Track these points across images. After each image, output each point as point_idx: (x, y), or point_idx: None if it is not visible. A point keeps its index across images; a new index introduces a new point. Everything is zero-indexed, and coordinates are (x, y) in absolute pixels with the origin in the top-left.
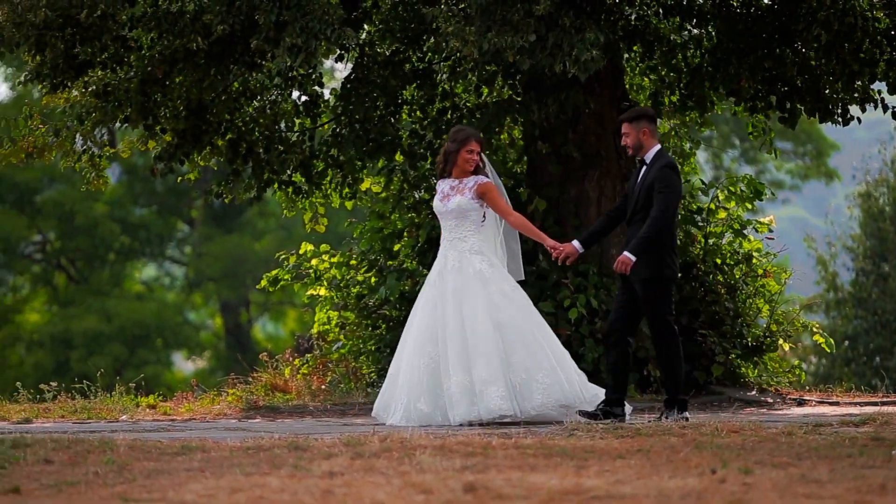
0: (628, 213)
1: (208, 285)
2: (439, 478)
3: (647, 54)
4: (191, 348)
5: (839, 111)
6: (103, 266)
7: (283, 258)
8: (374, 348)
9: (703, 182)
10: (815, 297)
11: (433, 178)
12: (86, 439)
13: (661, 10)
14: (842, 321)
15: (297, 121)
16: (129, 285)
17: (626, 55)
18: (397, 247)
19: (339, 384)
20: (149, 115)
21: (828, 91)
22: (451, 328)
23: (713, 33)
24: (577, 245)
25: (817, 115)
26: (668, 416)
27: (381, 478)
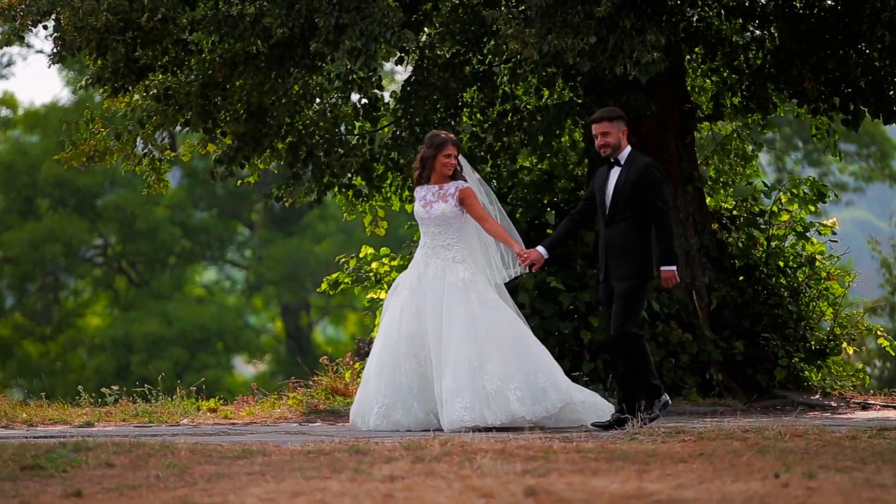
0: (605, 214)
1: (269, 289)
2: (500, 482)
3: (709, 56)
4: (251, 352)
5: None
6: (164, 270)
7: (344, 261)
8: None
9: (765, 185)
10: (879, 300)
11: (494, 180)
12: (147, 443)
13: (723, 11)
14: None
15: (356, 124)
16: (190, 289)
17: (687, 57)
18: None
19: None
20: (209, 118)
21: (892, 92)
22: (434, 336)
23: (776, 34)
24: (542, 251)
25: (881, 117)
26: (651, 411)
27: (441, 482)
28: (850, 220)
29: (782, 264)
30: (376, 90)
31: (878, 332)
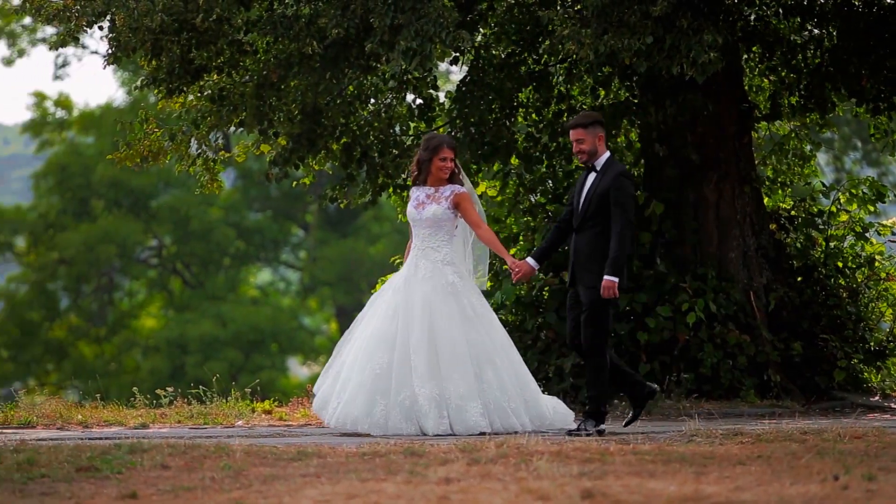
0: (576, 220)
1: (323, 290)
2: (556, 484)
3: (767, 55)
4: (306, 353)
5: None
6: (218, 271)
7: (398, 262)
8: None
9: (823, 185)
10: None
11: (549, 181)
12: (202, 444)
13: (781, 10)
14: None
15: (411, 124)
16: (244, 290)
17: (744, 56)
18: (513, 251)
19: None
20: (264, 119)
21: None
22: (418, 338)
23: (834, 33)
24: (533, 263)
25: None
26: (585, 427)
27: (497, 484)
28: None
29: (841, 265)
30: (431, 90)
31: None
